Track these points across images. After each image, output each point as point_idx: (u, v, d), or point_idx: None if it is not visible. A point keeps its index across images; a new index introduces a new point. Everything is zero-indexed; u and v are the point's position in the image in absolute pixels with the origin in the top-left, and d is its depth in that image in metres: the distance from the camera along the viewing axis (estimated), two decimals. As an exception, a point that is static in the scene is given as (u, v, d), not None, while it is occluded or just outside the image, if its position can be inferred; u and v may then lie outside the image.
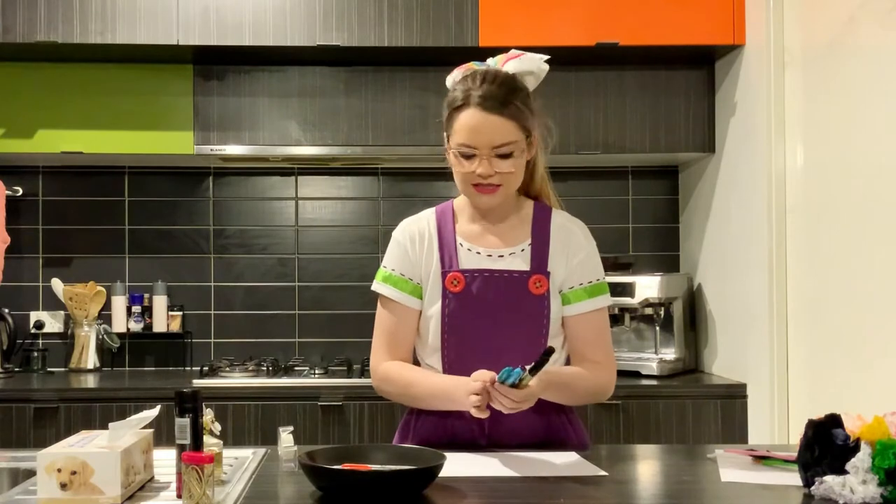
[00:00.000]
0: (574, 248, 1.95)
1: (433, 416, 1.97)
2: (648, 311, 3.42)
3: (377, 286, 1.99)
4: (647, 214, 3.87)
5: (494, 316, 1.90)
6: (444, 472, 1.57)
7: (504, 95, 1.86)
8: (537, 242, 1.94)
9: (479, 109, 1.85)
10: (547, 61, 1.97)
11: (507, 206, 1.97)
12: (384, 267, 2.00)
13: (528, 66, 1.93)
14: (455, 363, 1.91)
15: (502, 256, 1.94)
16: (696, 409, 3.17)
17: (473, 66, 1.94)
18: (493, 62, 1.94)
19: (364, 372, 3.38)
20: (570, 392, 1.92)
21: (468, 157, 1.87)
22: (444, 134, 1.95)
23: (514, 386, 1.70)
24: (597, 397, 2.00)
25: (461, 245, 1.95)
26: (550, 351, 1.71)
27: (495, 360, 1.80)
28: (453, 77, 1.95)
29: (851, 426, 1.48)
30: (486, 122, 1.84)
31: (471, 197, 1.93)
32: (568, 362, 1.99)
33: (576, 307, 1.94)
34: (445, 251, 1.94)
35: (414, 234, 1.98)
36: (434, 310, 1.93)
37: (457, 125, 1.87)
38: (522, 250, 1.94)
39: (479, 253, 1.94)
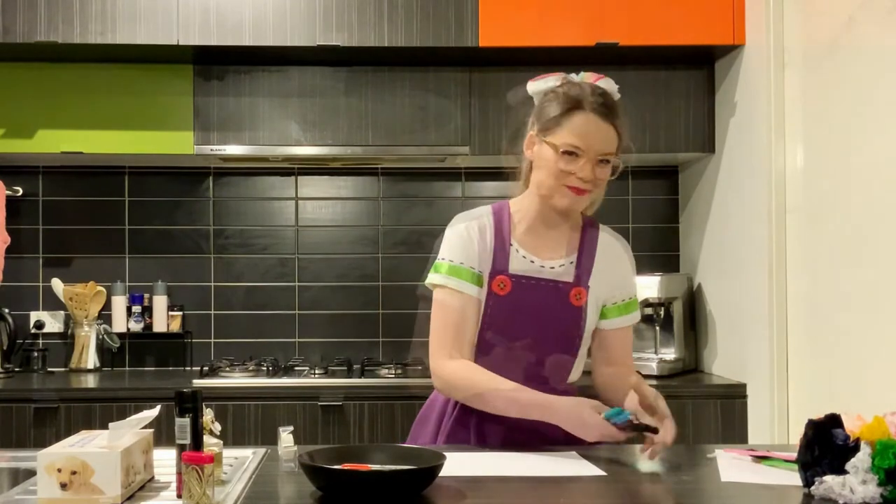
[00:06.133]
0: (619, 268, 2.06)
1: (468, 415, 1.99)
2: (648, 311, 3.42)
3: (440, 279, 1.98)
4: (647, 214, 3.87)
5: (533, 321, 1.97)
6: (444, 472, 1.57)
7: (616, 109, 1.94)
8: (584, 256, 2.03)
9: (594, 114, 1.90)
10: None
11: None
12: (443, 259, 1.99)
13: (613, 88, 2.00)
14: (486, 362, 1.96)
15: (553, 268, 1.99)
16: (696, 409, 3.17)
17: (565, 76, 2.00)
18: (580, 77, 1.99)
19: (364, 372, 3.38)
20: None
21: (571, 157, 1.90)
22: (534, 128, 1.97)
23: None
24: None
25: (516, 251, 1.99)
26: (654, 430, 1.76)
27: (526, 364, 1.94)
28: (544, 83, 2.00)
29: (851, 426, 1.48)
30: (600, 128, 1.91)
31: (557, 195, 1.94)
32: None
33: (613, 322, 2.06)
34: (499, 253, 1.98)
35: (474, 228, 1.99)
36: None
37: (568, 125, 1.91)
38: (571, 262, 2.01)
39: (532, 262, 1.99)
